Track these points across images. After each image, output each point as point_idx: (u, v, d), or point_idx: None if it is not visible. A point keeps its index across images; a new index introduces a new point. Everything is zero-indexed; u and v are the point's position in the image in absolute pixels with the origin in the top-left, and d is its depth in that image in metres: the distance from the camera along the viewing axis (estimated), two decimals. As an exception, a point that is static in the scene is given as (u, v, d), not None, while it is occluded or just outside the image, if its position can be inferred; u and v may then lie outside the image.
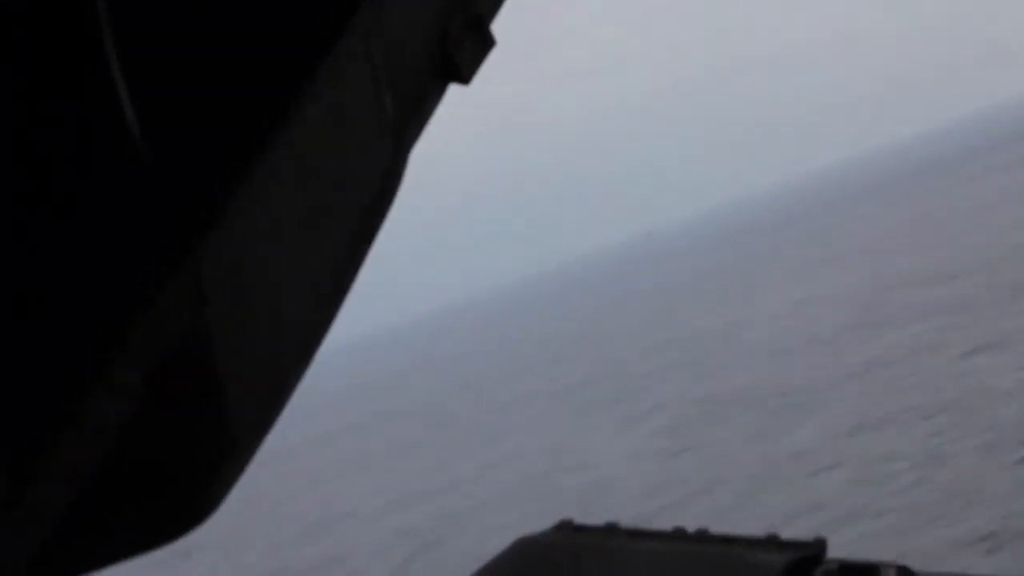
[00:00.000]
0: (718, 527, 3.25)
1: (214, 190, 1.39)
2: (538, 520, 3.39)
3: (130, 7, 1.40)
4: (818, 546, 3.12)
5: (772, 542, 3.17)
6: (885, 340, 29.72)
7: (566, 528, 3.42)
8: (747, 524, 13.00)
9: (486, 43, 1.71)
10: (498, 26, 1.72)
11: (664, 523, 3.21)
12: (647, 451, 26.68)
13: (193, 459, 1.41)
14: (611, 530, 3.39)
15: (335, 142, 1.52)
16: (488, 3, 1.70)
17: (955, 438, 19.99)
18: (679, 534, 3.29)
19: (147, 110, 1.38)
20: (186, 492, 1.41)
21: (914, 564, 3.03)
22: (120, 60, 1.37)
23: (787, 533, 3.08)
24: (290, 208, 1.47)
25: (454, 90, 1.70)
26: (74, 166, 1.37)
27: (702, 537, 3.26)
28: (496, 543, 3.07)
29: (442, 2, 1.66)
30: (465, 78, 1.69)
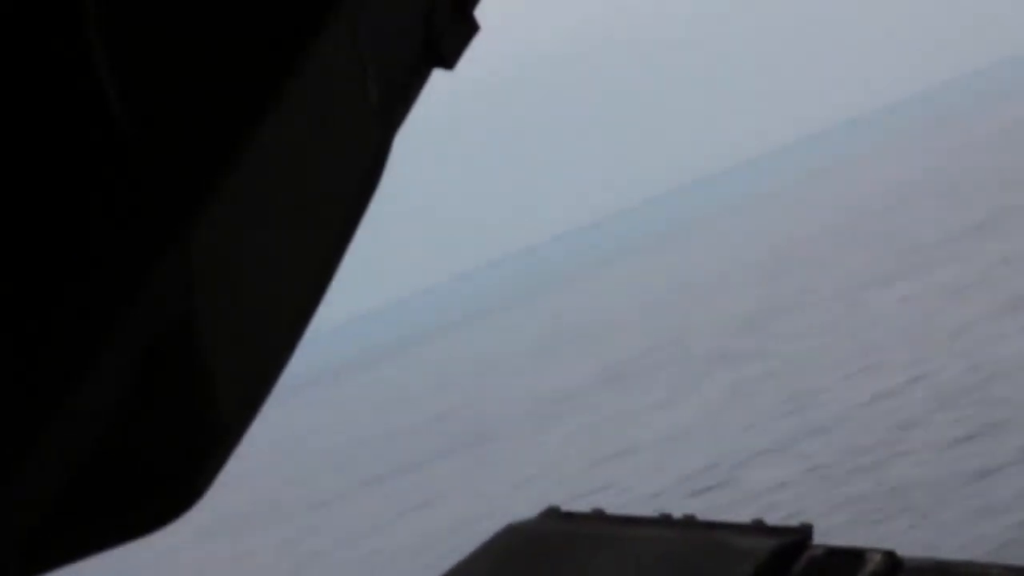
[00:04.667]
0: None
1: (201, 176, 1.37)
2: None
3: None
4: (804, 532, 3.11)
5: (758, 528, 3.16)
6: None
7: (553, 515, 3.43)
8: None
9: (470, 28, 1.69)
10: (481, 11, 1.72)
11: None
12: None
13: (182, 445, 1.40)
14: (598, 517, 3.43)
15: (321, 128, 1.51)
16: None
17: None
18: (665, 520, 3.31)
19: (133, 97, 1.36)
20: (175, 478, 1.40)
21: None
22: (104, 47, 1.34)
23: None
24: (277, 193, 1.46)
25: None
26: (59, 152, 1.34)
27: (688, 523, 3.27)
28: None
29: None
30: (449, 63, 1.68)
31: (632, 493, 21.63)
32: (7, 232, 1.32)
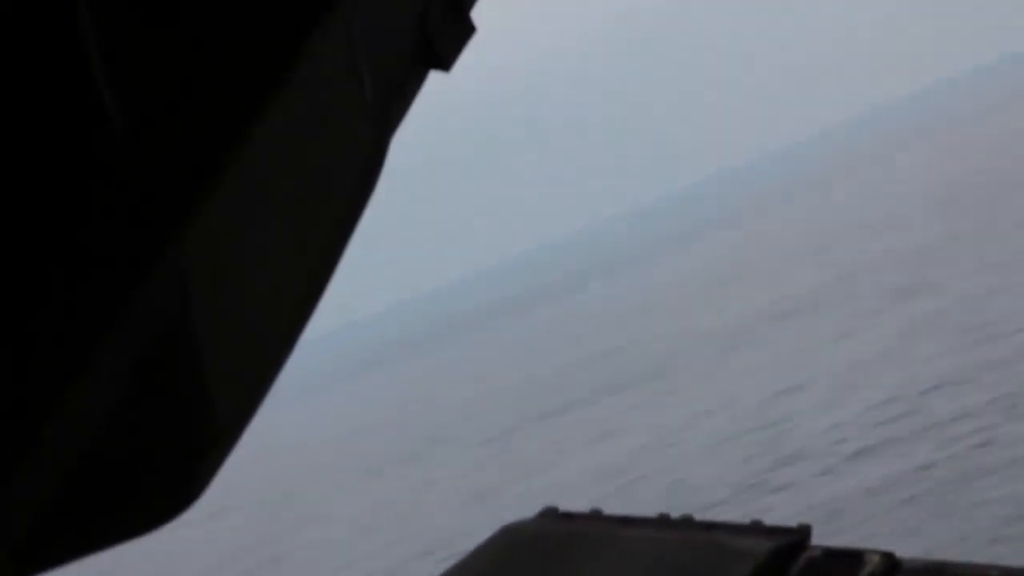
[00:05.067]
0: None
1: (197, 176, 1.37)
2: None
3: None
4: (802, 532, 3.12)
5: (757, 528, 3.17)
6: None
7: (551, 515, 3.46)
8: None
9: (466, 29, 1.69)
10: (477, 12, 1.72)
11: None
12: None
13: (181, 445, 1.41)
14: (596, 517, 3.43)
15: (317, 128, 1.51)
16: None
17: None
18: (663, 520, 3.32)
19: (129, 96, 1.36)
20: (171, 479, 1.41)
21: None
22: (100, 46, 1.34)
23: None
24: (274, 193, 1.46)
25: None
26: (56, 151, 1.34)
27: (686, 523, 3.28)
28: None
29: None
30: (445, 65, 1.68)
31: (810, 426, 21.59)
32: (5, 232, 1.33)
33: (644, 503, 20.64)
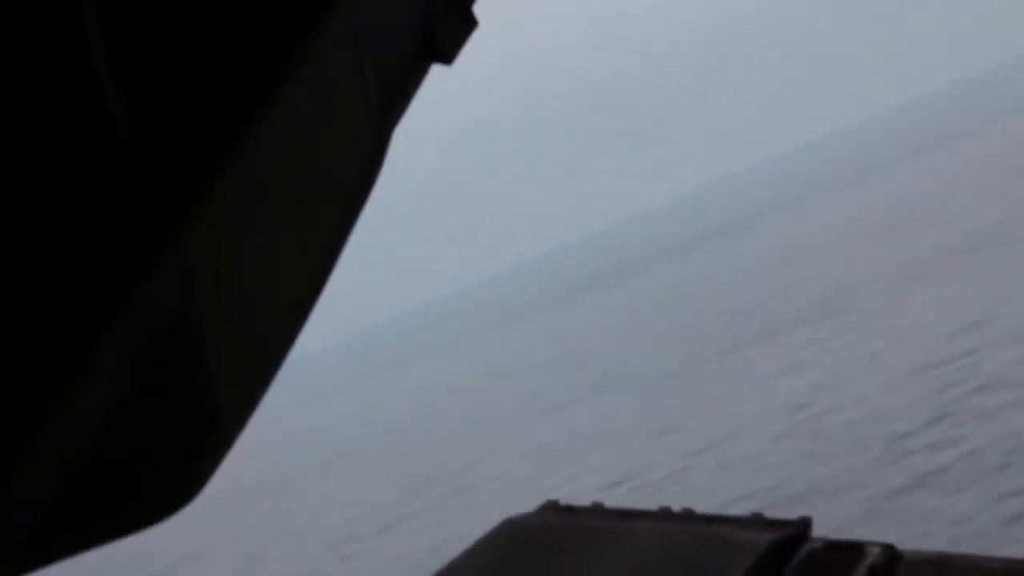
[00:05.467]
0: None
1: (200, 173, 1.38)
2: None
3: None
4: (803, 525, 3.11)
5: (757, 521, 3.17)
6: None
7: (552, 508, 3.46)
8: None
9: (468, 24, 1.71)
10: (478, 11, 1.73)
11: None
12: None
13: (182, 444, 1.42)
14: (597, 510, 3.42)
15: (319, 124, 1.52)
16: None
17: None
18: (664, 514, 3.32)
19: (131, 95, 1.37)
20: (171, 478, 1.42)
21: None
22: (103, 45, 1.35)
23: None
24: (275, 193, 1.47)
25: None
26: (58, 151, 1.35)
27: (687, 516, 3.27)
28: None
29: None
30: (447, 58, 1.69)
31: (1000, 357, 21.33)
32: (5, 232, 1.33)
33: (831, 435, 20.68)
